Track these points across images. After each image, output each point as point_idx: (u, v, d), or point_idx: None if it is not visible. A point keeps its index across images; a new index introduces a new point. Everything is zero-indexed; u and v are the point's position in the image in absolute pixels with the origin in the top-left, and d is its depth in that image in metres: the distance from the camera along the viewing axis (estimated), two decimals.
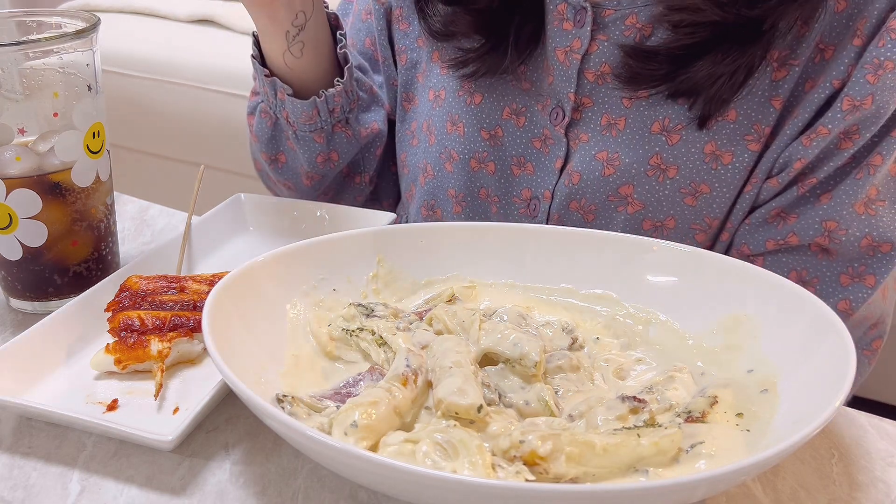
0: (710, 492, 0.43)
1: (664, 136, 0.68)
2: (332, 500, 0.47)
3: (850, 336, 0.47)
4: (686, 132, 0.67)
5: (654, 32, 0.66)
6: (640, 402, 0.47)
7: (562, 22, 0.69)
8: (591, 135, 0.70)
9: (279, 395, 0.48)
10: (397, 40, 0.82)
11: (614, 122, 0.69)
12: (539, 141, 0.73)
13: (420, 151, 0.80)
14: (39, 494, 0.47)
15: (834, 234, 0.65)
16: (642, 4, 0.66)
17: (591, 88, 0.69)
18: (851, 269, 0.67)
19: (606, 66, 0.68)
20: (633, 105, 0.68)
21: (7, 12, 0.65)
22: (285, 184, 0.82)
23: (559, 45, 0.69)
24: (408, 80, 0.82)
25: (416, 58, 0.80)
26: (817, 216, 0.66)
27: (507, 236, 0.62)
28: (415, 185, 0.82)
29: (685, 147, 0.67)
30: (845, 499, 0.47)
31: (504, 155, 0.75)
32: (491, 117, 0.75)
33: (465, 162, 0.76)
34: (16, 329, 0.62)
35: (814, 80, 0.64)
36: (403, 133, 0.83)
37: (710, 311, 0.56)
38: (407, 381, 0.49)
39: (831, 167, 0.64)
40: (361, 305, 0.58)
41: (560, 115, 0.71)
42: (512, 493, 0.38)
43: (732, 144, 0.66)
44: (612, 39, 0.68)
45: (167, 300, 0.59)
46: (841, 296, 0.67)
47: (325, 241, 0.60)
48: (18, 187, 0.59)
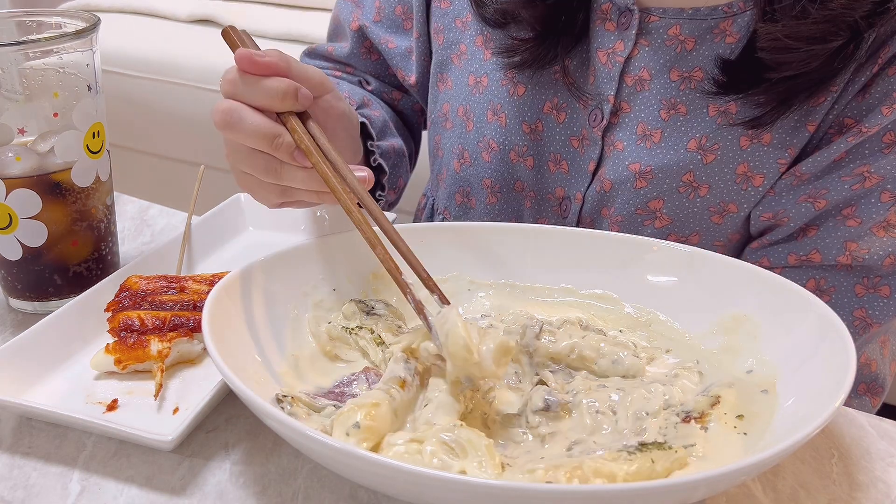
0: (709, 492, 0.43)
1: (700, 154, 0.67)
2: (332, 500, 0.47)
3: (850, 336, 0.47)
4: (721, 152, 0.66)
5: (696, 47, 0.65)
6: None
7: (605, 22, 0.68)
8: (626, 143, 0.69)
9: (279, 395, 0.48)
10: (435, 18, 0.80)
11: (650, 134, 0.68)
12: (577, 140, 0.73)
13: (455, 136, 0.79)
14: (39, 494, 0.47)
15: (856, 254, 0.65)
16: (688, 17, 0.65)
17: (630, 93, 0.69)
18: (867, 279, 0.66)
19: (646, 72, 0.68)
20: (670, 118, 0.67)
21: (7, 12, 0.65)
22: None
23: (601, 45, 0.69)
24: (443, 60, 0.80)
25: (453, 38, 0.79)
26: (839, 234, 0.65)
27: (507, 236, 0.62)
28: (447, 168, 0.81)
29: (719, 167, 0.67)
30: (845, 499, 0.47)
31: (543, 150, 0.74)
32: (533, 110, 0.74)
33: (505, 153, 0.75)
34: (16, 329, 0.62)
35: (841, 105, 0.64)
36: (436, 114, 0.82)
37: (710, 311, 0.56)
38: (405, 384, 0.49)
39: (850, 190, 0.64)
40: (361, 302, 0.58)
41: (599, 117, 0.70)
42: (513, 494, 0.38)
43: (765, 167, 0.66)
44: (653, 46, 0.67)
45: (167, 300, 0.59)
46: (857, 305, 0.67)
47: (325, 241, 0.60)
48: (18, 187, 0.59)
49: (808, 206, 0.66)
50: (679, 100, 0.67)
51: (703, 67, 0.66)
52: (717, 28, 0.65)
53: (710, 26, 0.65)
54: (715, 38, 0.65)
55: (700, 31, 0.65)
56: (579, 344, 0.53)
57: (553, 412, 0.49)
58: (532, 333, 0.54)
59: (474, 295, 0.61)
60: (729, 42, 0.64)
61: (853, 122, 0.63)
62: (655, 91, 0.68)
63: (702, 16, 0.65)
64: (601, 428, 0.48)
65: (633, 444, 0.45)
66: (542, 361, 0.54)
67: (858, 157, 0.64)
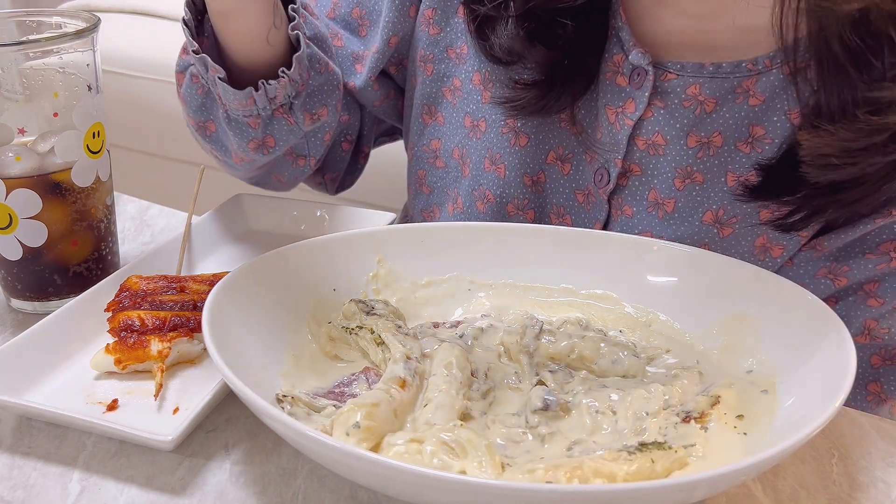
0: (709, 492, 0.43)
1: (716, 227, 0.62)
2: (332, 500, 0.47)
3: (850, 336, 0.46)
4: (740, 225, 0.61)
5: (716, 109, 0.60)
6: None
7: (616, 75, 0.63)
8: (636, 210, 0.64)
9: (279, 395, 0.48)
10: (422, 45, 0.73)
11: (662, 203, 0.63)
12: (582, 194, 0.67)
13: (449, 178, 0.74)
14: (39, 494, 0.47)
15: (875, 333, 0.62)
16: (709, 75, 0.60)
17: (642, 157, 0.63)
18: (884, 350, 0.63)
19: (660, 137, 0.62)
20: (685, 188, 0.62)
21: (7, 12, 0.65)
22: (212, 153, 0.72)
23: (610, 102, 0.63)
24: (431, 93, 0.73)
25: (445, 70, 0.72)
26: (859, 313, 0.61)
27: (507, 236, 0.62)
28: (439, 209, 0.76)
29: (736, 240, 0.62)
30: (845, 499, 0.47)
31: (544, 203, 0.69)
32: (535, 161, 0.68)
33: (502, 206, 0.70)
34: (16, 329, 0.62)
35: None
36: (421, 150, 0.76)
37: (710, 311, 0.56)
38: (405, 385, 0.49)
39: (874, 269, 0.60)
40: (361, 302, 0.58)
41: (605, 179, 0.65)
42: (513, 494, 0.38)
43: (785, 239, 0.61)
44: (669, 108, 0.61)
45: (167, 300, 0.59)
46: (871, 378, 0.63)
47: (325, 241, 0.60)
48: (18, 187, 0.59)
49: (828, 283, 0.61)
50: (696, 168, 0.62)
51: (723, 132, 0.60)
52: (739, 87, 0.59)
53: (733, 86, 0.59)
54: (737, 97, 0.59)
55: (722, 90, 0.60)
56: (579, 344, 0.53)
57: (552, 412, 0.49)
58: (532, 333, 0.54)
59: (474, 295, 0.61)
60: (752, 104, 0.59)
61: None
62: (670, 157, 0.62)
63: (724, 73, 0.59)
64: (601, 428, 0.48)
65: (632, 444, 0.45)
66: (542, 361, 0.54)
67: (885, 234, 0.59)
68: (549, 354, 0.54)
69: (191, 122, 0.70)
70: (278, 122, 0.65)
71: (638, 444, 0.45)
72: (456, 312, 0.60)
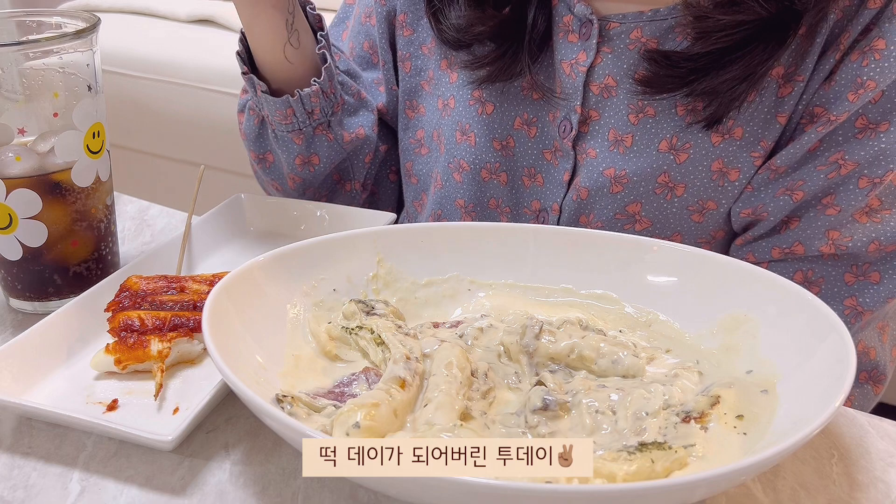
0: (709, 492, 0.43)
1: (672, 154, 0.67)
2: (332, 500, 0.47)
3: (850, 336, 0.47)
4: (694, 150, 0.67)
5: (659, 47, 0.65)
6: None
7: (567, 34, 0.69)
8: (599, 150, 0.69)
9: (279, 395, 0.48)
10: (400, 47, 0.80)
11: (621, 139, 0.68)
12: (549, 152, 0.73)
13: (430, 162, 0.80)
14: (39, 494, 0.47)
15: (839, 242, 0.65)
16: (647, 19, 0.66)
17: (597, 101, 0.69)
18: (856, 267, 0.67)
19: (611, 79, 0.68)
20: (639, 122, 0.68)
21: (7, 12, 0.65)
22: (272, 184, 0.82)
23: (564, 57, 0.69)
24: (412, 87, 0.80)
25: (420, 65, 0.79)
26: (820, 224, 0.65)
27: (507, 236, 0.62)
28: (426, 194, 0.81)
29: (693, 165, 0.67)
30: (845, 499, 0.47)
31: (515, 165, 0.75)
32: (503, 127, 0.74)
33: (476, 172, 0.75)
34: (16, 329, 0.62)
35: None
36: (407, 142, 0.82)
37: (710, 312, 0.56)
38: (405, 385, 0.49)
39: (826, 179, 0.64)
40: (361, 302, 0.58)
41: (568, 128, 0.70)
42: (513, 493, 0.38)
43: (739, 161, 0.66)
44: (616, 52, 0.67)
45: (167, 300, 0.59)
46: (847, 294, 0.67)
47: (325, 241, 0.60)
48: (18, 187, 0.59)
49: (787, 199, 0.66)
50: (647, 102, 0.67)
51: (643, 64, 0.65)
52: (677, 26, 0.64)
53: (671, 25, 0.65)
54: (677, 36, 0.65)
55: (661, 30, 0.65)
56: (579, 344, 0.53)
57: (552, 412, 0.49)
58: (532, 333, 0.54)
59: (474, 295, 0.61)
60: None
61: (822, 110, 0.63)
62: (622, 97, 0.68)
63: (661, 16, 0.65)
64: (601, 428, 0.48)
65: (632, 445, 0.45)
66: (541, 361, 0.54)
67: (832, 146, 0.64)
68: (548, 354, 0.54)
69: (252, 155, 0.80)
70: (319, 139, 0.75)
71: (638, 444, 0.45)
72: (456, 312, 0.60)
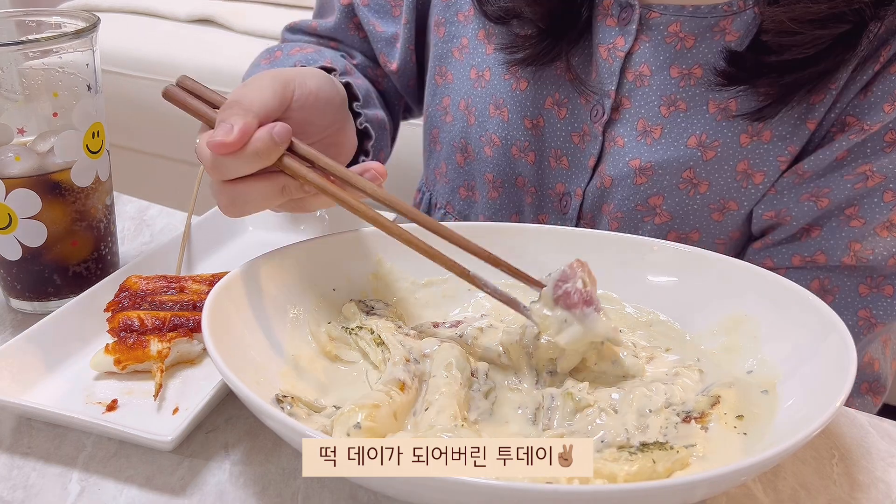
0: (710, 492, 0.43)
1: (700, 150, 0.67)
2: (332, 500, 0.47)
3: (850, 336, 0.46)
4: (722, 149, 0.66)
5: (695, 45, 0.65)
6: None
7: (606, 17, 0.68)
8: (627, 140, 0.69)
9: (279, 395, 0.48)
10: (436, 10, 0.79)
11: (650, 130, 0.68)
12: (577, 136, 0.72)
13: (456, 130, 0.79)
14: (39, 494, 0.47)
15: (860, 254, 0.65)
16: (688, 15, 0.65)
17: (630, 88, 0.69)
18: (870, 278, 0.66)
19: (646, 68, 0.68)
20: (670, 115, 0.67)
21: (7, 12, 0.65)
22: None
23: (602, 41, 0.69)
24: (443, 53, 0.79)
25: (455, 31, 0.78)
26: (844, 235, 0.65)
27: (507, 237, 0.62)
28: (447, 163, 0.81)
29: (719, 164, 0.67)
30: (846, 499, 0.47)
31: (544, 146, 0.74)
32: (535, 105, 0.73)
33: (507, 148, 0.75)
34: (16, 329, 0.62)
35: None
36: (435, 108, 0.81)
37: (711, 312, 0.55)
38: (404, 387, 0.49)
39: (852, 189, 0.64)
40: (361, 302, 0.58)
41: (600, 112, 0.70)
42: (513, 494, 0.38)
43: (765, 164, 0.66)
44: (653, 42, 0.67)
45: (167, 300, 0.59)
46: (861, 305, 0.67)
47: (325, 241, 0.60)
48: (18, 187, 0.59)
49: (811, 205, 0.65)
50: (679, 96, 0.67)
51: (702, 65, 0.66)
52: (716, 26, 0.65)
53: (710, 24, 0.65)
54: (714, 35, 0.65)
55: (700, 28, 0.65)
56: None
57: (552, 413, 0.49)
58: (531, 334, 0.54)
59: (474, 295, 0.61)
60: (729, 40, 0.64)
61: (855, 120, 0.63)
62: (655, 87, 0.68)
63: (702, 13, 0.65)
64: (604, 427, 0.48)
65: (634, 445, 0.45)
66: (541, 362, 0.54)
67: (861, 156, 0.63)
68: (548, 355, 0.54)
69: None
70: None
71: (639, 444, 0.45)
72: (455, 312, 0.60)
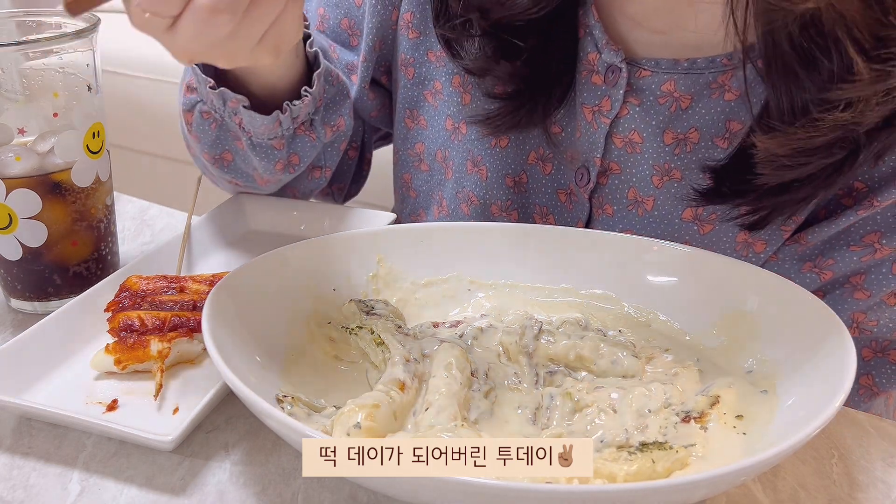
0: (710, 492, 0.43)
1: (696, 224, 0.62)
2: (332, 500, 0.47)
3: (850, 336, 0.46)
4: (719, 222, 0.61)
5: (692, 105, 0.59)
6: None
7: (591, 74, 0.62)
8: (616, 209, 0.65)
9: (279, 395, 0.49)
10: (402, 49, 0.72)
11: (641, 201, 0.63)
12: (564, 194, 0.67)
13: (433, 181, 0.74)
14: (39, 494, 0.47)
15: (864, 325, 0.62)
16: (683, 70, 0.59)
17: (620, 155, 0.63)
18: (875, 343, 0.63)
19: (636, 135, 0.62)
20: (663, 186, 0.62)
21: (7, 12, 0.65)
22: (231, 181, 0.73)
23: (586, 101, 0.63)
24: (414, 96, 0.73)
25: (426, 73, 0.72)
26: (847, 306, 0.61)
27: (507, 236, 0.62)
28: (425, 212, 0.76)
29: (717, 237, 0.62)
30: (845, 499, 0.47)
31: (527, 203, 0.69)
32: (517, 162, 0.68)
33: (486, 207, 0.70)
34: (16, 329, 0.62)
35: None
36: (406, 154, 0.76)
37: (710, 311, 0.56)
38: (404, 387, 0.49)
39: (858, 261, 0.60)
40: (361, 302, 0.58)
41: (585, 178, 0.65)
42: (513, 494, 0.38)
43: (767, 233, 0.61)
44: (644, 106, 0.61)
45: (167, 300, 0.59)
46: (863, 371, 0.63)
47: (325, 241, 0.60)
48: (18, 187, 0.59)
49: (814, 277, 0.61)
50: (673, 165, 0.61)
51: (698, 128, 0.60)
52: (714, 83, 0.59)
53: (708, 81, 0.59)
54: (713, 93, 0.59)
55: (697, 86, 0.59)
56: (578, 344, 0.53)
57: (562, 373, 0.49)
58: (531, 334, 0.54)
59: (474, 295, 0.61)
60: (728, 99, 0.59)
61: (864, 186, 0.58)
62: (647, 155, 0.62)
63: (698, 69, 0.59)
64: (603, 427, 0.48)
65: (633, 444, 0.45)
66: (541, 362, 0.54)
67: (869, 226, 0.59)
68: (548, 355, 0.54)
69: (205, 156, 0.70)
70: (301, 140, 0.67)
71: (639, 443, 0.45)
72: (455, 312, 0.60)
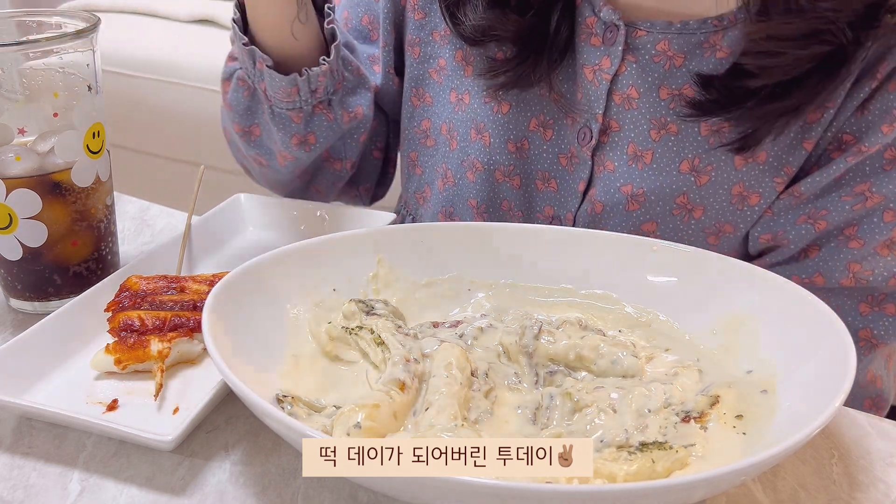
0: (709, 492, 0.43)
1: (693, 175, 0.65)
2: (332, 500, 0.47)
3: (850, 336, 0.47)
4: (716, 173, 0.64)
5: (685, 63, 0.63)
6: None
7: (590, 37, 0.66)
8: (617, 164, 0.67)
9: (279, 395, 0.49)
10: (410, 30, 0.76)
11: (641, 155, 0.66)
12: (565, 158, 0.70)
13: (438, 154, 0.77)
14: (39, 494, 0.47)
15: (860, 275, 0.63)
16: (676, 31, 0.63)
17: (619, 112, 0.66)
18: (871, 297, 0.65)
19: (634, 90, 0.65)
20: (661, 139, 0.65)
21: (7, 12, 0.65)
22: (257, 159, 0.77)
23: (587, 62, 0.66)
24: (419, 74, 0.77)
25: (430, 52, 0.75)
26: (842, 256, 0.63)
27: (508, 236, 0.62)
28: (430, 188, 0.79)
29: (713, 188, 0.65)
30: (845, 499, 0.47)
31: (529, 169, 0.72)
32: (518, 128, 0.71)
33: (490, 173, 0.73)
34: (16, 329, 0.62)
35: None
36: (412, 131, 0.79)
37: (710, 311, 0.56)
38: (404, 387, 0.49)
39: (851, 210, 0.63)
40: (361, 302, 0.58)
41: (587, 136, 0.68)
42: (513, 494, 0.38)
43: (761, 186, 0.64)
44: (640, 63, 0.64)
45: (167, 300, 0.59)
46: (861, 324, 0.65)
47: (325, 241, 0.60)
48: (18, 187, 0.59)
49: (809, 228, 0.64)
50: (669, 119, 0.64)
51: (692, 84, 0.63)
52: (706, 42, 0.62)
53: (700, 41, 0.62)
54: (704, 52, 0.62)
55: (689, 45, 0.63)
56: (578, 344, 0.53)
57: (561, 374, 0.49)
58: (531, 334, 0.54)
59: (474, 295, 0.61)
60: (719, 57, 0.62)
61: (852, 138, 0.61)
62: (644, 110, 0.65)
63: (690, 30, 0.62)
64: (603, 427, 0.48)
65: (633, 444, 0.45)
66: (541, 362, 0.54)
67: (859, 176, 0.62)
68: (548, 355, 0.54)
69: (236, 128, 0.75)
70: (318, 119, 0.71)
71: (639, 443, 0.45)
72: (455, 312, 0.60)
